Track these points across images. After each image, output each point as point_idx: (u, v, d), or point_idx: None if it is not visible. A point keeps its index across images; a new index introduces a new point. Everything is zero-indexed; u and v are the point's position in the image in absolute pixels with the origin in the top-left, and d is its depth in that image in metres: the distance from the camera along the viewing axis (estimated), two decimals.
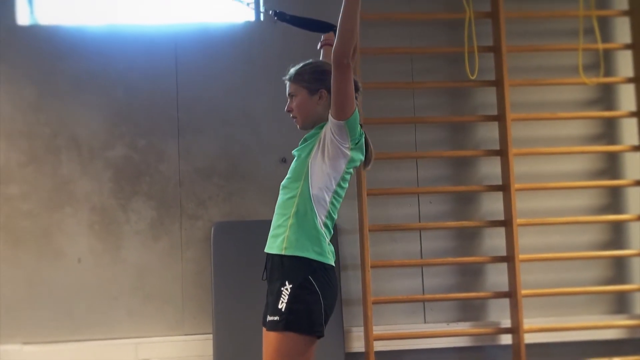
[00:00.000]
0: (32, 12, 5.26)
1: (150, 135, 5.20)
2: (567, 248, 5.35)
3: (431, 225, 5.30)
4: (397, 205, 5.30)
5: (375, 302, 5.03)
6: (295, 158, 3.24)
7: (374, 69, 5.29)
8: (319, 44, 3.60)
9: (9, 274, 5.02)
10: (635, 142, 5.42)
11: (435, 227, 5.32)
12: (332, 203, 3.19)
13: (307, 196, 3.15)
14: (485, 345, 5.31)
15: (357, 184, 5.13)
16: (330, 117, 3.12)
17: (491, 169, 5.36)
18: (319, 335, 3.13)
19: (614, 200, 5.51)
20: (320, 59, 3.54)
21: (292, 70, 3.33)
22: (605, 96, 5.57)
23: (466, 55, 5.22)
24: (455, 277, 5.36)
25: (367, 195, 5.08)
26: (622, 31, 5.54)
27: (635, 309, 5.42)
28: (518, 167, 5.23)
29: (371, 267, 5.03)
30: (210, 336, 4.95)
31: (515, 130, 5.26)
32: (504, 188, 5.22)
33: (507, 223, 5.18)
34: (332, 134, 3.13)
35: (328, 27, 3.60)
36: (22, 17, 5.21)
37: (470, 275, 5.35)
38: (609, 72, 5.50)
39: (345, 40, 3.03)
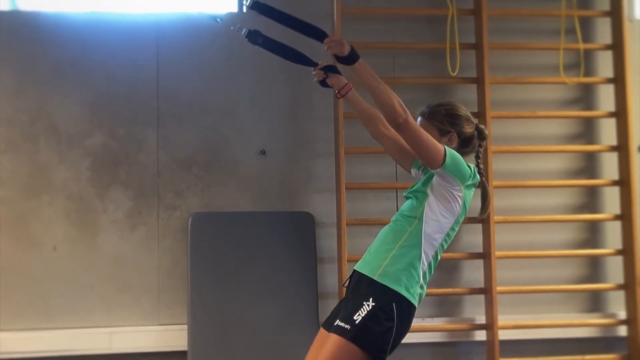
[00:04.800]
0: None
1: (130, 124, 5.18)
2: (543, 246, 5.38)
3: None
4: (376, 199, 5.31)
5: None
6: (412, 199, 3.30)
7: None
8: (337, 95, 3.51)
9: None
10: (614, 142, 5.44)
11: None
12: (441, 245, 3.30)
13: (419, 234, 3.23)
14: (460, 341, 5.33)
15: (336, 178, 5.13)
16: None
17: None
18: None
19: (591, 199, 5.55)
20: (343, 108, 3.56)
21: (426, 108, 3.38)
22: (585, 96, 5.59)
23: (447, 51, 5.23)
24: None
25: (346, 189, 5.08)
26: (603, 31, 5.56)
27: (609, 308, 5.45)
28: (496, 164, 5.25)
29: (348, 261, 5.03)
30: (185, 327, 4.94)
31: (495, 128, 5.27)
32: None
33: (484, 220, 5.20)
34: (440, 179, 3.22)
35: (311, 63, 3.47)
36: (2, 3, 5.17)
37: (447, 271, 5.37)
38: (589, 72, 5.52)
39: (387, 106, 3.17)
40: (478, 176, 3.34)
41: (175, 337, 5.01)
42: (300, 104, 5.31)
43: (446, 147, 3.23)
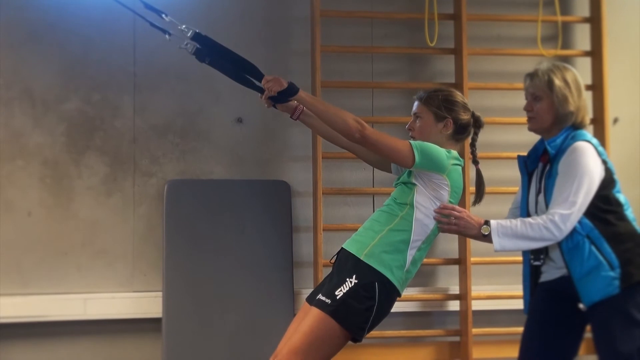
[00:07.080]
0: None
1: (106, 90, 5.14)
2: None
3: (385, 190, 5.31)
4: (352, 169, 5.31)
5: (326, 265, 5.02)
6: (402, 186, 3.32)
7: (333, 32, 5.27)
8: (291, 117, 3.57)
9: None
10: (590, 115, 5.46)
11: (389, 192, 5.32)
12: (433, 231, 3.31)
13: (410, 219, 3.25)
14: (434, 311, 5.37)
15: (313, 147, 5.13)
16: None
17: None
18: (355, 338, 3.23)
19: None
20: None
21: (423, 93, 3.38)
22: None
23: (426, 21, 5.22)
24: None
25: (322, 158, 5.08)
26: (581, 4, 5.57)
27: None
28: None
29: (323, 230, 5.05)
30: (160, 294, 4.94)
31: (472, 99, 5.25)
32: None
33: None
34: (420, 173, 3.27)
35: (258, 89, 3.52)
36: None
37: None
38: (566, 44, 5.54)
39: (341, 125, 3.22)
40: (456, 156, 3.35)
41: (150, 304, 5.00)
42: (277, 71, 5.23)
43: (412, 142, 3.24)
